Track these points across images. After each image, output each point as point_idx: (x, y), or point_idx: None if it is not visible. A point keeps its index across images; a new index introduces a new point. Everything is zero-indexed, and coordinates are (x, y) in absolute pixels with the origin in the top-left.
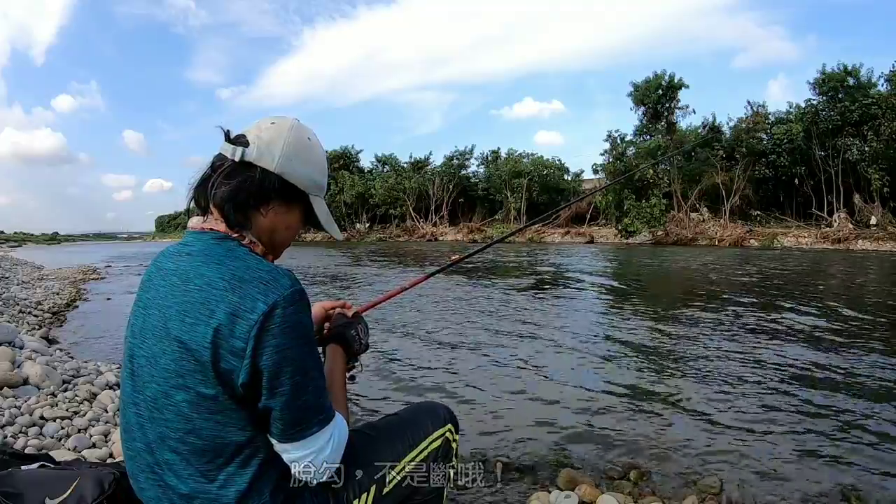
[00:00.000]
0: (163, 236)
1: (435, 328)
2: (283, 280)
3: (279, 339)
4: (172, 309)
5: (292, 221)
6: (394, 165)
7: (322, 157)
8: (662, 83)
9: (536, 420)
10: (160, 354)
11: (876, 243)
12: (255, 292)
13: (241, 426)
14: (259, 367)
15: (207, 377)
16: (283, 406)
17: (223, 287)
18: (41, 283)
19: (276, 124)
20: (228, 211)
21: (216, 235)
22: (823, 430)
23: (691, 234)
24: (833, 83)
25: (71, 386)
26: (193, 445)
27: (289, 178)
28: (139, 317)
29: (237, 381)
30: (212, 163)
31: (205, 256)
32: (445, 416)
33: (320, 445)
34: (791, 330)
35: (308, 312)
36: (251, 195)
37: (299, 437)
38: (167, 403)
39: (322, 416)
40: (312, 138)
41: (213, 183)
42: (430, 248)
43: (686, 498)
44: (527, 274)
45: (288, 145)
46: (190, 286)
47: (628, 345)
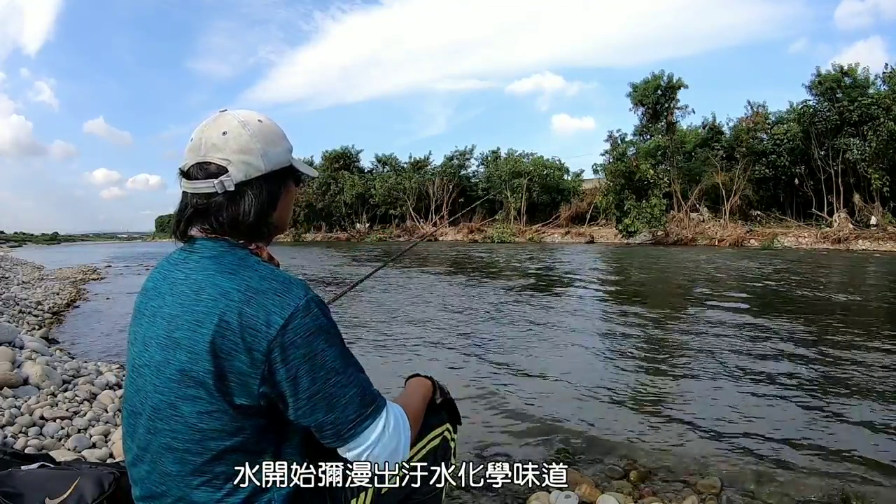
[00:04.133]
0: (163, 236)
1: (434, 327)
2: (297, 290)
3: (302, 350)
4: (181, 318)
5: (291, 195)
6: (394, 165)
7: (275, 124)
8: (661, 83)
9: (536, 420)
10: (165, 364)
11: (876, 243)
12: (271, 304)
13: (250, 436)
14: (284, 377)
15: (219, 388)
16: (325, 409)
17: (239, 299)
18: (41, 283)
19: (229, 133)
20: (255, 233)
21: (228, 243)
22: (823, 430)
23: (691, 235)
24: (829, 83)
25: (71, 386)
26: (200, 455)
27: (276, 167)
28: (143, 325)
29: (256, 391)
30: (193, 205)
31: (218, 265)
32: (444, 416)
33: (374, 438)
34: (791, 330)
35: (326, 314)
36: (267, 205)
37: (350, 438)
38: (173, 414)
39: (370, 409)
40: (260, 118)
41: (217, 220)
42: (431, 249)
43: (686, 498)
44: (526, 274)
45: (257, 142)
46: (203, 296)
47: (628, 345)
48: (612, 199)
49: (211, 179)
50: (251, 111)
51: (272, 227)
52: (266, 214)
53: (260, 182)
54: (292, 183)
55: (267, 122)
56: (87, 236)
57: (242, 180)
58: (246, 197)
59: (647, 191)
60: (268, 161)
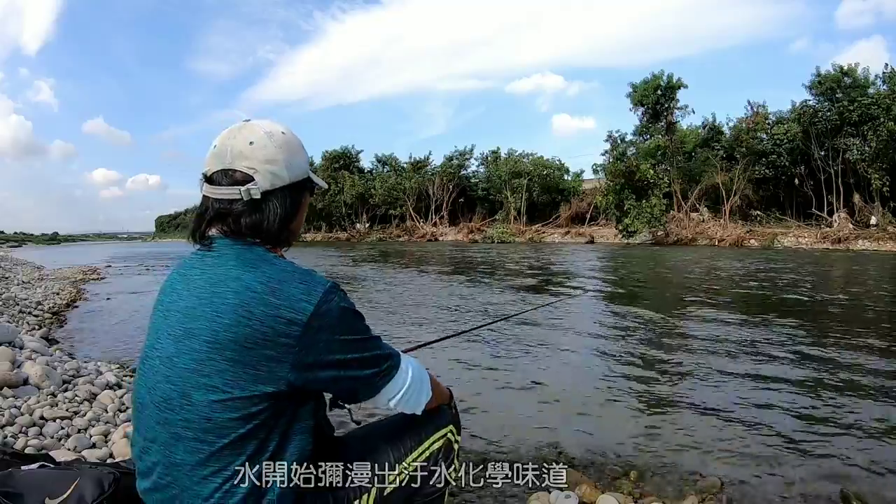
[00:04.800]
0: (163, 236)
1: (434, 327)
2: (318, 277)
3: (332, 332)
4: (198, 310)
5: (307, 204)
6: (394, 165)
7: (297, 137)
8: (661, 83)
9: (537, 420)
10: (177, 355)
11: (876, 243)
12: (297, 293)
13: (261, 426)
14: (323, 357)
15: (238, 377)
16: (359, 368)
17: (262, 290)
18: (41, 283)
19: (256, 143)
20: (275, 239)
21: (246, 242)
22: (824, 430)
23: (691, 235)
24: (829, 83)
25: (71, 386)
26: (210, 445)
27: (298, 178)
28: (157, 320)
29: (283, 377)
30: (214, 209)
31: (238, 261)
32: (447, 417)
33: (397, 391)
34: (791, 331)
35: (345, 295)
36: (290, 214)
37: (376, 391)
38: (185, 403)
39: (386, 366)
40: (283, 130)
41: (237, 222)
42: (431, 249)
43: (686, 498)
44: (526, 274)
45: (282, 153)
46: (223, 289)
47: (628, 345)
48: (612, 199)
49: (237, 186)
50: (274, 122)
51: (291, 233)
52: (289, 222)
53: (284, 191)
54: (308, 193)
55: (290, 134)
56: (87, 236)
57: (268, 189)
58: (270, 205)
59: (647, 191)
60: (291, 172)
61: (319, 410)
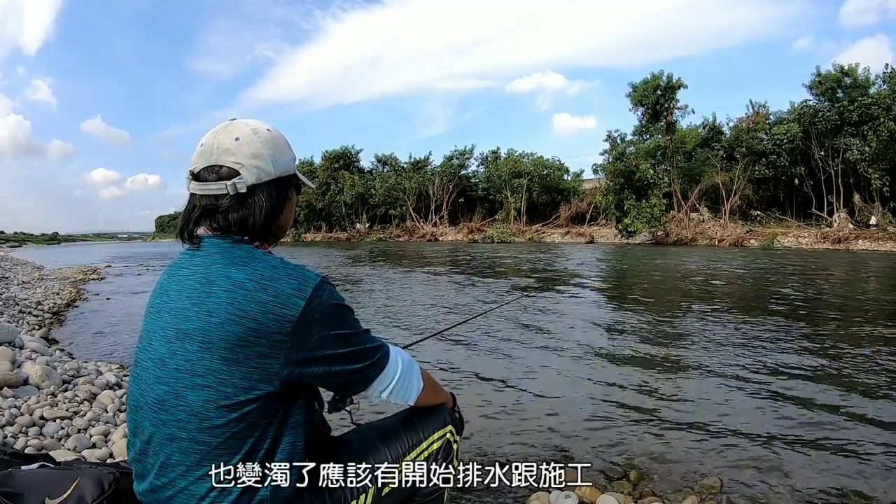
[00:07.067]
0: (163, 236)
1: (433, 327)
2: (307, 272)
3: (324, 327)
4: (189, 310)
5: (294, 201)
6: (394, 165)
7: (282, 134)
8: (661, 83)
9: (536, 420)
10: (170, 356)
11: (876, 243)
12: (289, 289)
13: (258, 422)
14: (316, 351)
15: (232, 374)
16: (353, 362)
17: (253, 287)
18: (41, 283)
19: (241, 139)
20: (262, 235)
21: (233, 239)
22: (824, 430)
23: (691, 234)
24: (830, 83)
25: (71, 386)
26: (205, 445)
27: (284, 174)
28: (149, 322)
29: (276, 372)
30: (201, 206)
31: (227, 259)
32: (447, 418)
33: (388, 381)
34: (791, 330)
35: (335, 290)
36: (276, 208)
37: (368, 383)
38: (178, 404)
39: (377, 357)
40: (269, 127)
41: (224, 218)
42: (431, 249)
43: (686, 498)
44: (526, 274)
45: (268, 148)
46: (214, 287)
47: (628, 345)
48: (612, 199)
49: (223, 181)
50: (259, 121)
51: (278, 229)
52: (274, 217)
53: (270, 186)
54: (294, 191)
55: (274, 131)
56: (87, 236)
57: (254, 183)
58: (256, 199)
59: (646, 191)
60: (276, 167)
61: (314, 409)
